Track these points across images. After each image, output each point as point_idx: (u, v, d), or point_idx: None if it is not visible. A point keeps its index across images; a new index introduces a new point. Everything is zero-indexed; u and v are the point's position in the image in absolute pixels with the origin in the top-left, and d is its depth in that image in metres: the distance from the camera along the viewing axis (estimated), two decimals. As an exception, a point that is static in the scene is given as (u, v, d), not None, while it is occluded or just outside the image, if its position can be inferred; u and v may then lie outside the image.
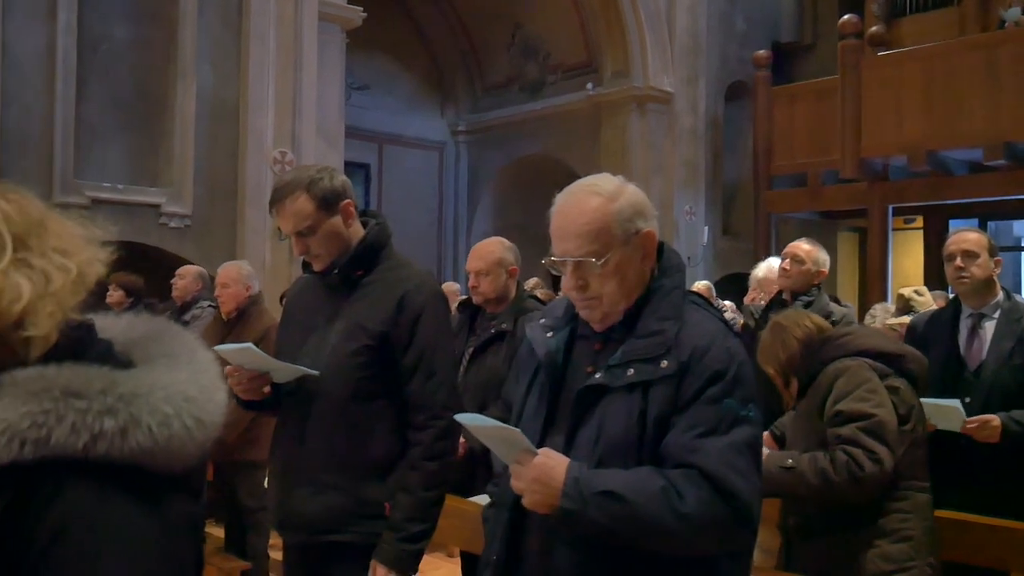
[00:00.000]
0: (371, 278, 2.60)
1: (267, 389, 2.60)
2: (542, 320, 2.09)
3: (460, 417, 1.94)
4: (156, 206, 8.65)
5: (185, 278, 6.24)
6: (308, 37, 9.51)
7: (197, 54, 8.87)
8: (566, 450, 1.85)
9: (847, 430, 2.71)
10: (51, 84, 8.06)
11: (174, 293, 6.23)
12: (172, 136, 8.84)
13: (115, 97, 8.67)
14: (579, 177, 2.02)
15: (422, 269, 2.78)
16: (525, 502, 1.82)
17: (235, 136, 9.18)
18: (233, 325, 5.08)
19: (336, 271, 2.59)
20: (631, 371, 1.84)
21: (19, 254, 1.04)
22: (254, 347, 2.52)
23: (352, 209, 2.61)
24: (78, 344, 1.08)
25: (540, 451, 1.82)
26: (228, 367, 2.48)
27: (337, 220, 2.57)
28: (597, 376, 1.87)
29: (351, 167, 12.38)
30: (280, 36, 9.32)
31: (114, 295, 6.32)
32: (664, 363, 1.82)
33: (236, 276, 5.16)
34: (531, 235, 6.74)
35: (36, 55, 8.01)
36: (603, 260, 1.86)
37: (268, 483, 2.74)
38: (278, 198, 2.57)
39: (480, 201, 16.04)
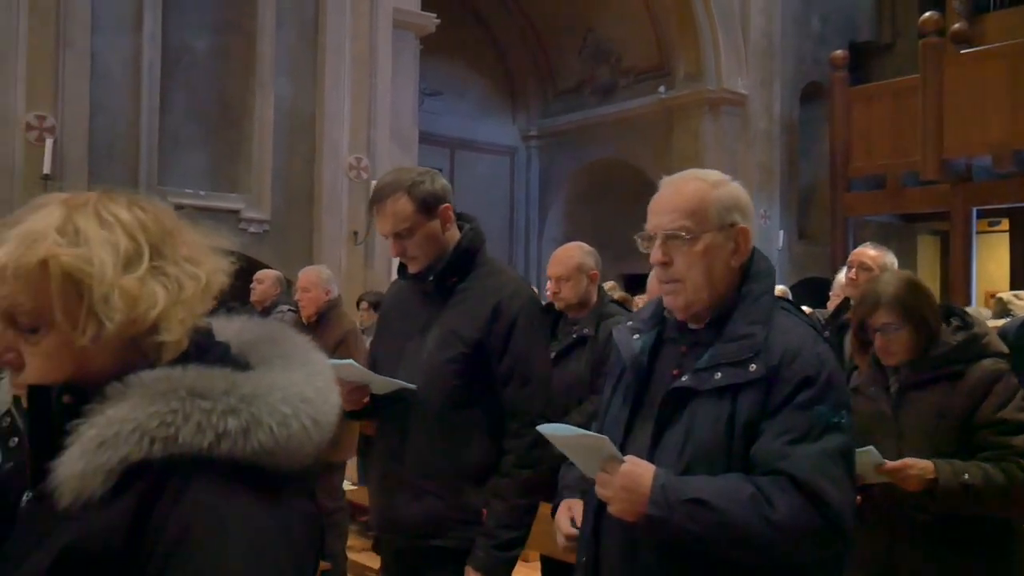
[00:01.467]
0: (466, 284, 2.60)
1: (367, 399, 2.63)
2: (629, 323, 2.08)
3: (543, 428, 1.93)
4: (236, 212, 8.85)
5: (264, 282, 6.34)
6: (383, 45, 9.65)
7: (275, 65, 9.07)
8: (651, 453, 1.84)
9: (1021, 442, 2.59)
10: (136, 94, 8.33)
11: (253, 297, 6.32)
12: (251, 144, 9.05)
13: (196, 106, 8.92)
14: (651, 181, 2.04)
15: (516, 275, 2.77)
16: (612, 510, 1.81)
17: (311, 143, 9.36)
18: (313, 329, 5.15)
19: (431, 278, 2.60)
20: (719, 375, 1.82)
21: (155, 262, 1.08)
22: (355, 363, 2.57)
23: (450, 213, 2.62)
24: (200, 347, 1.12)
25: (626, 459, 1.81)
26: None
27: (435, 223, 2.57)
28: (684, 379, 1.86)
29: (424, 172, 12.47)
30: (355, 46, 9.47)
31: (198, 299, 6.44)
32: (753, 367, 1.80)
33: (316, 280, 5.24)
34: (603, 239, 6.75)
35: (123, 66, 8.28)
36: (692, 236, 1.86)
37: (368, 486, 2.76)
38: (379, 198, 2.58)
39: (551, 206, 16.05)
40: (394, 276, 2.89)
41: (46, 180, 7.58)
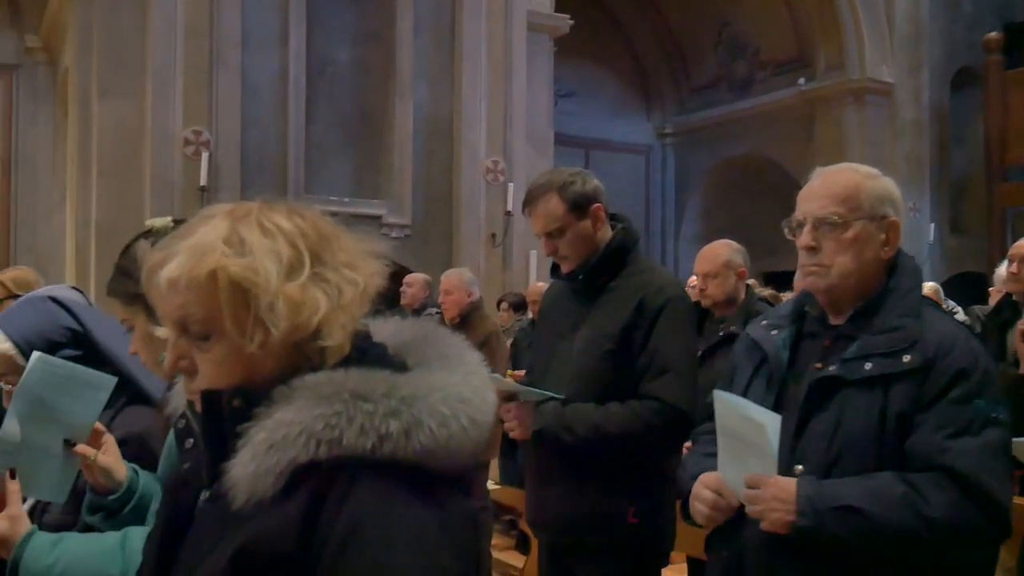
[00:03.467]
0: (615, 283, 2.63)
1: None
2: (764, 321, 2.07)
3: (719, 392, 1.90)
4: (378, 217, 9.09)
5: (414, 286, 6.51)
6: (517, 49, 9.75)
7: (413, 73, 9.30)
8: (793, 444, 1.83)
9: None
10: (284, 107, 8.71)
11: (404, 301, 6.49)
12: (391, 151, 9.29)
13: (339, 116, 9.24)
14: (791, 176, 2.05)
15: (667, 273, 2.78)
16: (764, 525, 1.77)
17: (449, 149, 9.54)
18: (456, 330, 5.23)
19: (581, 276, 2.64)
20: (869, 365, 1.79)
21: (315, 269, 1.11)
22: (505, 378, 2.64)
23: (602, 214, 2.65)
24: (359, 349, 1.14)
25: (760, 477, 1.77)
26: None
27: (586, 223, 2.62)
28: (831, 368, 1.84)
29: (559, 174, 12.52)
30: (491, 51, 9.60)
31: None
32: (907, 358, 1.77)
33: (458, 283, 5.34)
34: (741, 236, 6.60)
35: (271, 81, 8.69)
36: (844, 222, 1.85)
37: (525, 481, 2.82)
38: (531, 199, 2.66)
39: (688, 204, 15.84)
40: (533, 278, 2.94)
41: (202, 192, 7.99)
